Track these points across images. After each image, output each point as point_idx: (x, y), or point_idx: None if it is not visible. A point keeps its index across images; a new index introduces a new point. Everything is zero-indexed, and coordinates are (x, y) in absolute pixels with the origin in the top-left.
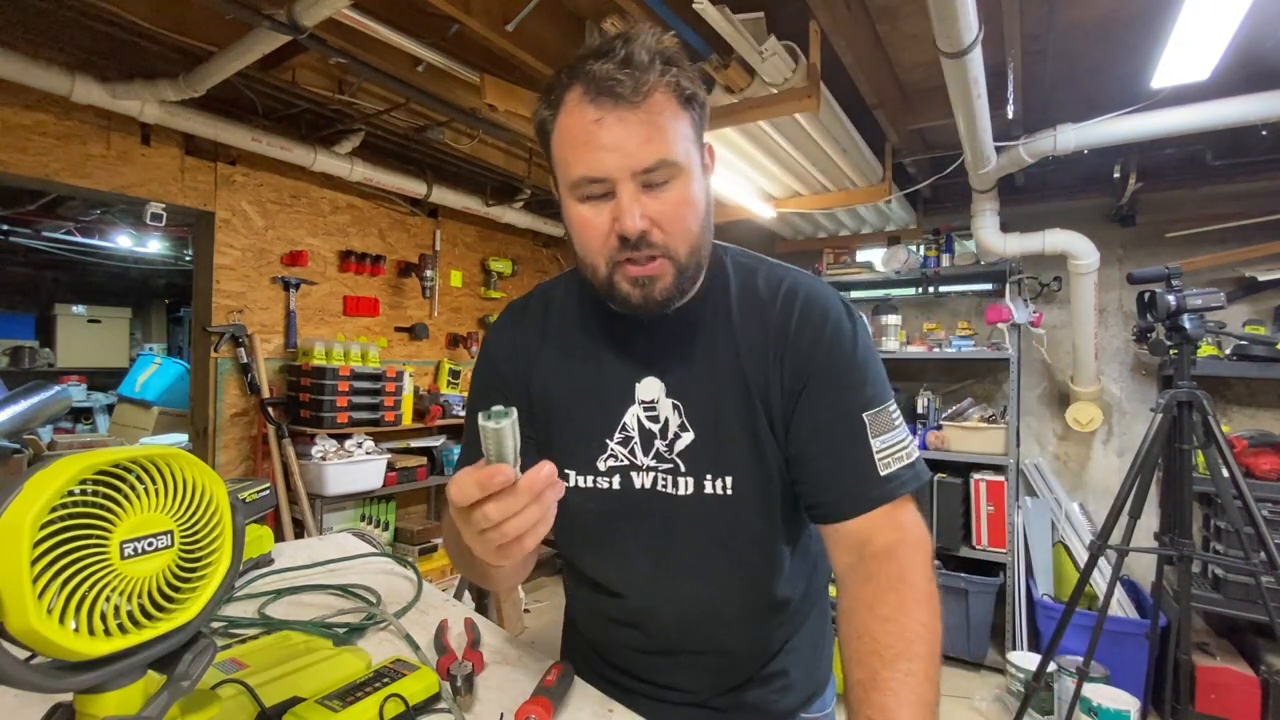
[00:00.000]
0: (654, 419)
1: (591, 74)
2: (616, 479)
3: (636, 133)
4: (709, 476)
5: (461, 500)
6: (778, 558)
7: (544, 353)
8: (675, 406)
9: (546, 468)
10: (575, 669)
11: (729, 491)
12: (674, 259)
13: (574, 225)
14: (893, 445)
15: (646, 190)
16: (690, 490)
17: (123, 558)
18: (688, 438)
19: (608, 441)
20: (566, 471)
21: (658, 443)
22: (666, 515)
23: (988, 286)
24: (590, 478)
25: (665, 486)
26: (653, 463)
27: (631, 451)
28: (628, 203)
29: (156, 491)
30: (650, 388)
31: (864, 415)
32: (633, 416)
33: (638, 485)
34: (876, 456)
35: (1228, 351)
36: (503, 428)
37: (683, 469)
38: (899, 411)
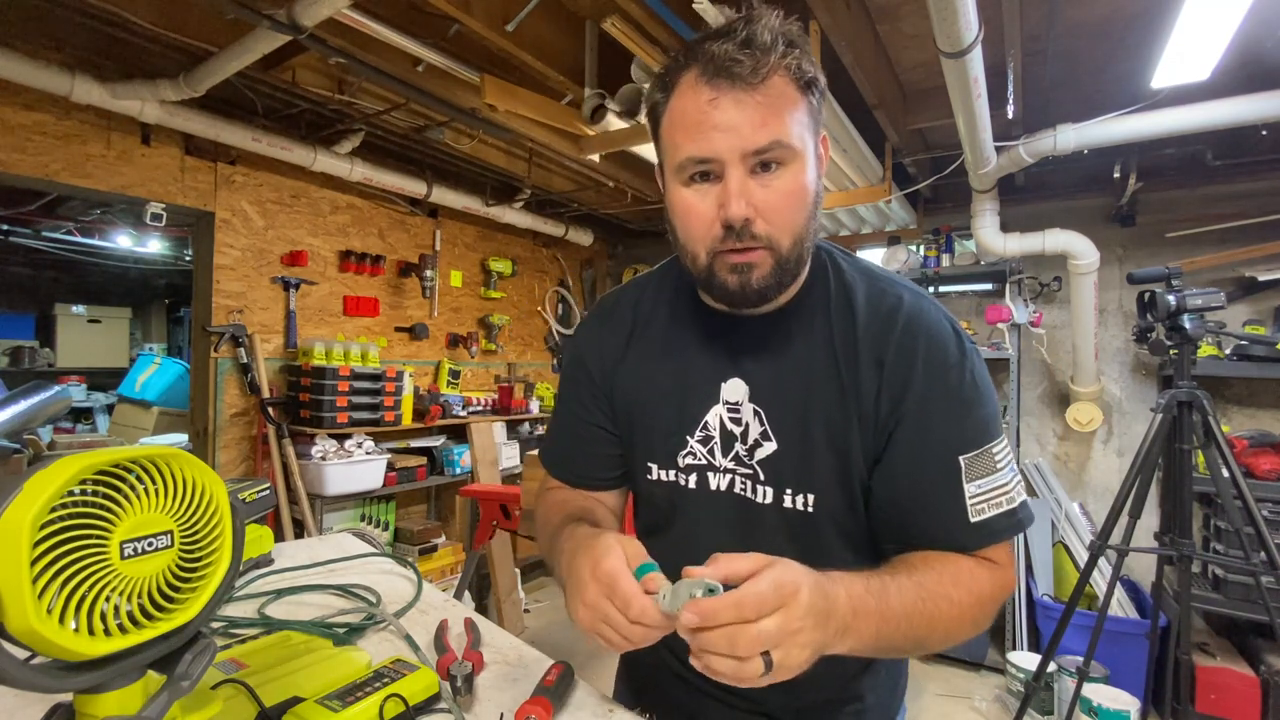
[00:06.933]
0: (736, 421)
1: (710, 54)
2: (694, 478)
3: (752, 114)
4: (789, 490)
5: (635, 616)
6: None
7: (631, 350)
8: (756, 412)
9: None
10: (644, 658)
11: (810, 509)
12: (775, 250)
13: (677, 210)
14: (990, 490)
15: (755, 176)
16: (769, 500)
17: (123, 558)
18: (770, 447)
19: (688, 438)
20: (649, 465)
21: (738, 445)
22: (745, 520)
23: (988, 286)
24: (671, 472)
25: (745, 490)
26: (731, 465)
27: (710, 451)
28: (735, 187)
29: (156, 491)
30: (736, 389)
31: (960, 458)
32: (715, 416)
33: (713, 486)
34: (970, 502)
35: (1228, 351)
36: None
37: (762, 477)
38: (1007, 450)
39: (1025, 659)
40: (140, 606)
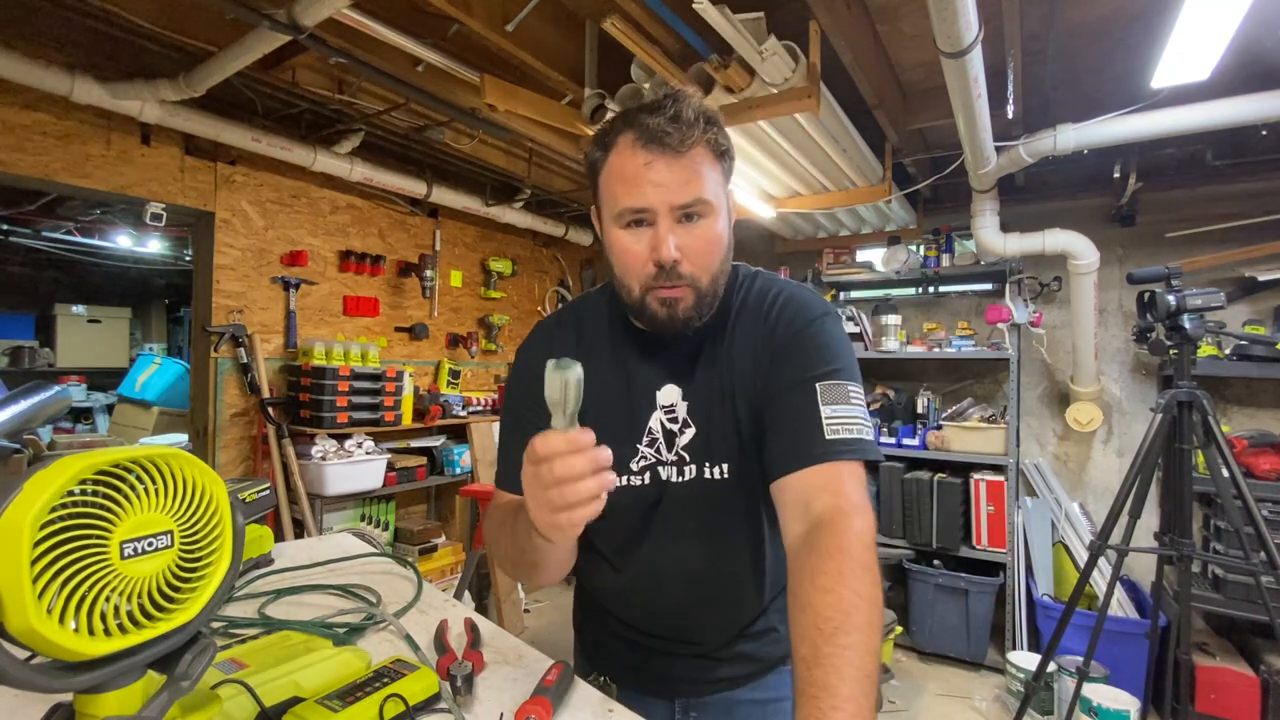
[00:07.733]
0: (673, 420)
1: (645, 124)
2: (647, 475)
3: (679, 175)
4: (708, 464)
5: (544, 451)
6: (766, 529)
7: (579, 356)
8: (691, 409)
9: (606, 451)
10: (591, 626)
11: (725, 476)
12: (697, 287)
13: (615, 250)
14: (844, 417)
15: (680, 225)
16: (692, 476)
17: (123, 558)
18: (690, 433)
19: (638, 445)
20: None
21: (677, 440)
22: (675, 499)
23: (988, 286)
24: (626, 477)
25: (672, 476)
26: (674, 458)
27: (657, 450)
28: (665, 233)
29: (156, 491)
30: (670, 394)
31: (816, 384)
32: (656, 420)
33: (664, 478)
34: (825, 421)
35: (1228, 351)
36: (570, 377)
37: (688, 459)
38: (862, 399)
39: (1025, 659)
40: (140, 606)
